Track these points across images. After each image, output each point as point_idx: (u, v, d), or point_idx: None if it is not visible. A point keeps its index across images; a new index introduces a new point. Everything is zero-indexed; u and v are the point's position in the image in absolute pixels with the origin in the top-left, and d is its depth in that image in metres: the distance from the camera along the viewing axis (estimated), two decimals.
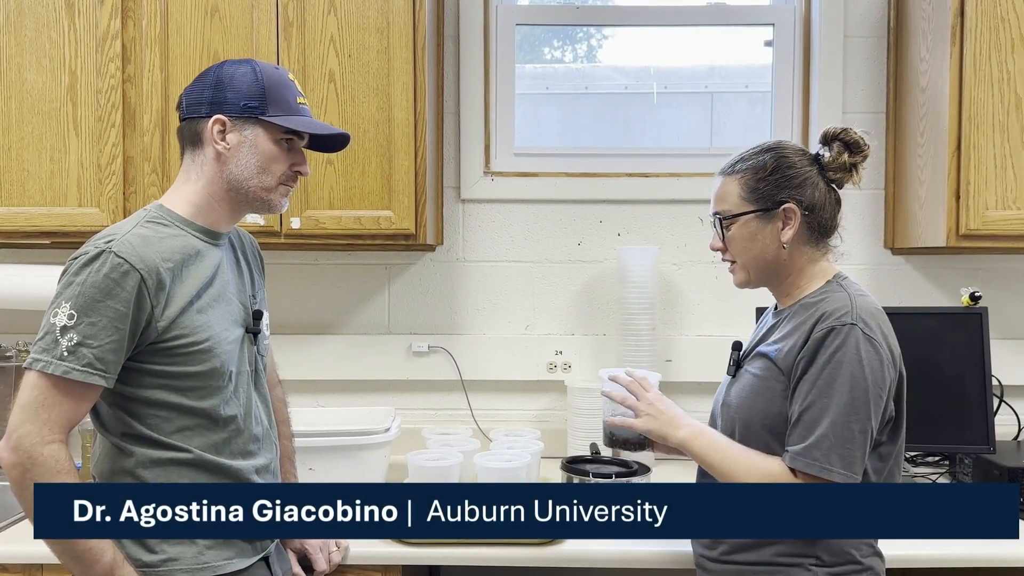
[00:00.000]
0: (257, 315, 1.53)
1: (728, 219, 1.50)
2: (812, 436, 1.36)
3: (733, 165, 1.52)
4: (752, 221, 1.48)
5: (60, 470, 1.28)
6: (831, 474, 1.35)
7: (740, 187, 1.49)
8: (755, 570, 1.43)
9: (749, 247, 1.49)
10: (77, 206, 2.12)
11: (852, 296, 1.43)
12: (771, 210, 1.47)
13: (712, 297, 2.51)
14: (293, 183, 1.51)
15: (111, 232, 1.37)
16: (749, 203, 1.48)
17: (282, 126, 1.45)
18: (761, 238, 1.48)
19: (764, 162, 1.48)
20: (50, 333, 1.29)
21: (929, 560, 1.73)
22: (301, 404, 2.39)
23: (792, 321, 1.47)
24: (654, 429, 1.55)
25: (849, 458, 1.35)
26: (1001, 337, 2.42)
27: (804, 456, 1.36)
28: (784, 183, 1.47)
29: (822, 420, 1.36)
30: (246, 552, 1.46)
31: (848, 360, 1.36)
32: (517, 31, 2.58)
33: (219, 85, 1.44)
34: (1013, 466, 1.97)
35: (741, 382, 1.52)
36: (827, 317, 1.40)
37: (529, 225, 2.53)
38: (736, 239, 1.50)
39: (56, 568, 1.66)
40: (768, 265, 1.50)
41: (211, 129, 1.43)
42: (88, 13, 2.11)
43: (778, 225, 1.47)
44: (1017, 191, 2.10)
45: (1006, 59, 2.09)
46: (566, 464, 2.10)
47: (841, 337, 1.37)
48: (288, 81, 1.48)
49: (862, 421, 1.36)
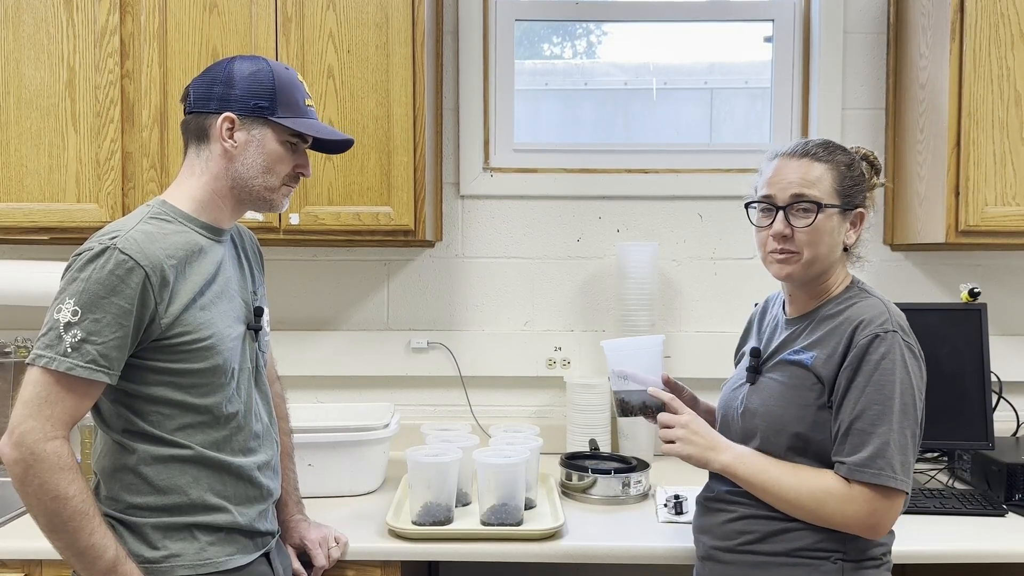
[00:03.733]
0: (258, 312, 1.53)
1: (822, 207, 1.41)
2: (870, 446, 1.34)
3: (821, 151, 1.44)
4: (836, 216, 1.44)
5: (62, 466, 1.28)
6: (896, 482, 1.34)
7: (833, 177, 1.44)
8: (779, 561, 1.42)
9: (824, 241, 1.43)
10: (76, 202, 2.12)
11: (885, 303, 1.42)
12: (849, 211, 1.45)
13: (711, 293, 2.51)
14: (295, 183, 1.51)
15: (115, 228, 1.36)
16: (839, 196, 1.44)
17: (290, 128, 1.45)
18: (835, 236, 1.44)
19: (852, 159, 1.46)
20: (54, 329, 1.29)
21: (927, 556, 1.74)
22: (300, 400, 2.40)
23: (821, 328, 1.44)
24: (694, 455, 1.49)
25: (908, 465, 1.35)
26: (1000, 333, 2.43)
27: (867, 467, 1.34)
28: (863, 186, 1.47)
29: (878, 429, 1.34)
30: (247, 548, 1.46)
31: (896, 367, 1.36)
32: (516, 27, 2.58)
33: (230, 82, 1.43)
34: (1012, 462, 1.97)
35: (766, 390, 1.49)
36: (868, 324, 1.38)
37: (528, 221, 2.52)
38: (817, 230, 1.42)
39: (56, 564, 1.66)
40: (827, 265, 1.46)
41: (220, 126, 1.42)
42: (86, 8, 2.10)
43: (846, 227, 1.46)
44: (1016, 187, 2.10)
45: (1006, 55, 2.09)
46: (565, 460, 2.11)
47: (886, 345, 1.36)
48: (298, 82, 1.48)
49: (913, 427, 1.36)
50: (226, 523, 1.42)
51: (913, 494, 1.96)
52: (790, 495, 1.40)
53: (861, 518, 1.36)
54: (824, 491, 1.38)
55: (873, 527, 1.37)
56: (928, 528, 1.82)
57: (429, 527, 1.74)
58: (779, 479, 1.41)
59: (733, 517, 1.48)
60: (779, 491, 1.41)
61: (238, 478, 1.44)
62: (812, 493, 1.39)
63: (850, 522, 1.37)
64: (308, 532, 1.68)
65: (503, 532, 1.73)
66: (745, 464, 1.45)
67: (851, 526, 1.38)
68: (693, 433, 1.50)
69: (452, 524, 1.77)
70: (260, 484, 1.48)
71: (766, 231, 1.46)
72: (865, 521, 1.36)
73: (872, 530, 1.37)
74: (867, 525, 1.37)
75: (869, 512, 1.35)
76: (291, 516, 1.69)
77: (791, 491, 1.40)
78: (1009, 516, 1.89)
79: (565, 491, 2.04)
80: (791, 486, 1.40)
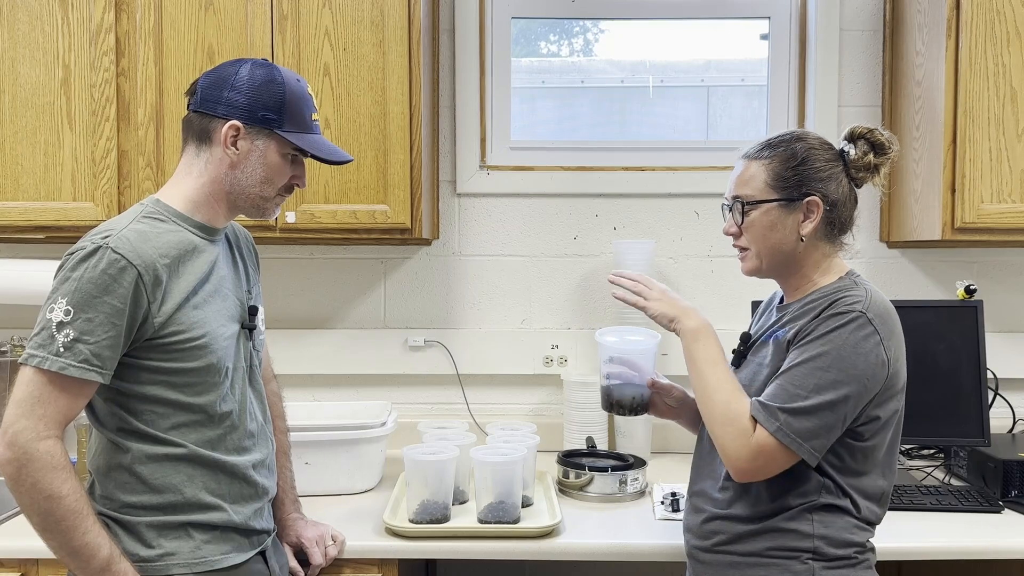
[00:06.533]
0: (253, 311, 1.53)
1: (750, 204, 1.46)
2: (784, 400, 1.35)
3: (760, 150, 1.48)
4: (774, 210, 1.45)
5: (56, 466, 1.28)
6: (786, 439, 1.34)
7: (766, 173, 1.46)
8: (749, 561, 1.43)
9: (767, 236, 1.46)
10: (71, 200, 2.12)
11: (869, 291, 1.42)
12: (795, 201, 1.45)
13: (708, 291, 2.51)
14: (289, 194, 1.51)
15: (108, 227, 1.36)
16: (774, 191, 1.45)
17: (294, 143, 1.44)
18: (781, 228, 1.46)
19: (794, 151, 1.46)
20: (46, 329, 1.29)
21: (923, 553, 1.74)
22: (297, 399, 2.40)
23: (804, 308, 1.45)
24: (667, 312, 1.52)
25: (812, 434, 1.34)
26: (996, 330, 2.43)
27: (768, 413, 1.35)
28: (812, 175, 1.45)
29: (799, 389, 1.35)
30: (242, 547, 1.46)
31: (842, 342, 1.35)
32: (513, 24, 2.58)
33: (240, 88, 1.41)
34: (1008, 459, 1.97)
35: (746, 371, 1.52)
36: (839, 303, 1.39)
37: (525, 219, 2.52)
38: (755, 226, 1.47)
39: (52, 563, 1.66)
40: (783, 256, 1.47)
41: (225, 133, 1.41)
42: (81, 6, 2.09)
43: (799, 217, 1.45)
44: (1012, 184, 2.10)
45: (1001, 52, 2.09)
46: (562, 458, 2.11)
47: (845, 320, 1.36)
48: (307, 96, 1.47)
49: (839, 405, 1.34)
50: (221, 521, 1.42)
51: (909, 490, 1.97)
52: (712, 397, 1.42)
53: (742, 457, 1.37)
54: (736, 415, 1.38)
55: (745, 471, 1.38)
56: (924, 525, 1.82)
57: (426, 525, 1.75)
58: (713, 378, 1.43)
59: (707, 517, 1.49)
60: (706, 387, 1.43)
61: (233, 476, 1.44)
62: (726, 409, 1.40)
63: (732, 454, 1.38)
64: (305, 530, 1.68)
65: (500, 530, 1.74)
66: (705, 343, 1.47)
67: (730, 458, 1.39)
68: (669, 298, 1.55)
69: (449, 522, 1.77)
70: (255, 482, 1.48)
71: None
72: (742, 463, 1.37)
73: (743, 473, 1.38)
74: (741, 468, 1.38)
75: (752, 456, 1.36)
76: (288, 514, 1.68)
77: (715, 394, 1.42)
78: (1005, 513, 1.89)
79: (562, 489, 2.05)
80: (718, 389, 1.42)
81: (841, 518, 1.41)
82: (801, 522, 1.40)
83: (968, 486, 2.03)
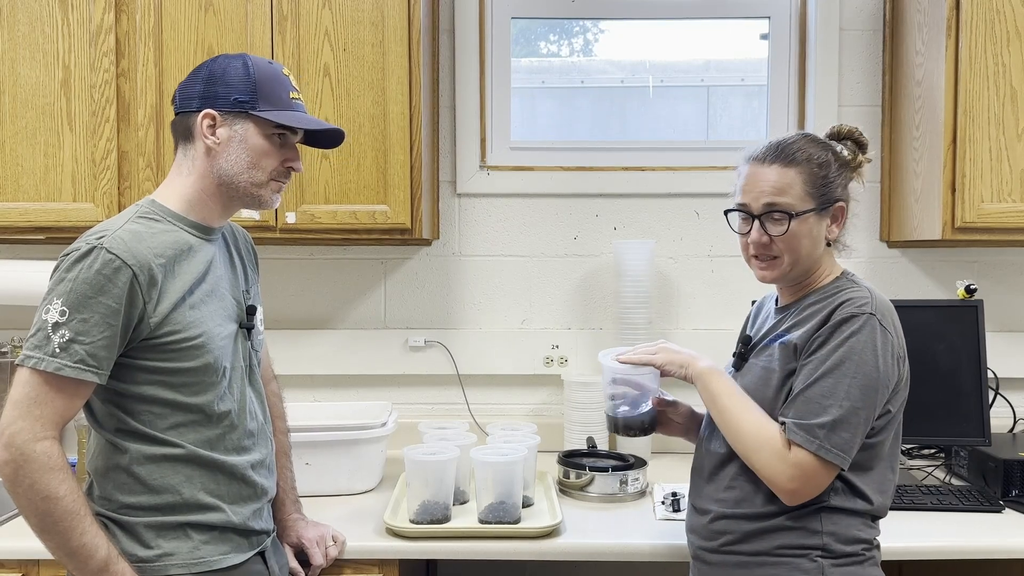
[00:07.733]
0: (251, 310, 1.53)
1: (797, 216, 1.41)
2: (815, 415, 1.35)
3: (789, 155, 1.43)
4: (812, 218, 1.43)
5: (53, 467, 1.28)
6: (829, 454, 1.34)
7: (803, 181, 1.42)
8: (758, 560, 1.42)
9: (803, 244, 1.43)
10: (72, 201, 2.12)
11: (872, 291, 1.43)
12: (827, 208, 1.44)
13: (708, 290, 2.51)
14: (285, 179, 1.50)
15: (103, 228, 1.36)
16: (812, 199, 1.42)
17: (272, 121, 1.44)
18: (816, 236, 1.44)
19: (824, 158, 1.44)
20: (42, 330, 1.29)
21: (924, 552, 1.74)
22: (297, 399, 2.40)
23: (806, 310, 1.45)
24: (675, 359, 1.54)
25: (849, 444, 1.35)
26: (996, 330, 2.43)
27: (807, 432, 1.35)
28: (837, 181, 1.45)
29: (827, 401, 1.35)
30: (241, 547, 1.46)
31: (862, 347, 1.36)
32: (513, 24, 2.58)
33: (211, 79, 1.43)
34: (1008, 458, 1.97)
35: (749, 375, 1.51)
36: (848, 304, 1.39)
37: (525, 219, 2.52)
38: (796, 236, 1.42)
39: (53, 564, 1.66)
40: (811, 263, 1.46)
41: (200, 123, 1.42)
42: (81, 7, 2.09)
43: (826, 223, 1.45)
44: (1012, 184, 2.10)
45: (1001, 52, 2.09)
46: (563, 458, 2.11)
47: (859, 324, 1.37)
48: (282, 76, 1.47)
49: (865, 411, 1.36)
50: (220, 522, 1.42)
51: (910, 490, 1.97)
52: (740, 427, 1.42)
53: (785, 479, 1.37)
54: (767, 439, 1.39)
55: (793, 492, 1.37)
56: (925, 524, 1.82)
57: (427, 525, 1.74)
58: (736, 408, 1.44)
59: (713, 517, 1.48)
60: (731, 420, 1.43)
61: (231, 477, 1.44)
62: (756, 435, 1.40)
63: (775, 478, 1.38)
64: (306, 531, 1.67)
65: (501, 530, 1.73)
66: (718, 378, 1.48)
67: (774, 482, 1.38)
68: (671, 349, 1.57)
69: (450, 522, 1.77)
70: (254, 483, 1.48)
71: (746, 237, 1.48)
72: (788, 483, 1.37)
73: (791, 494, 1.38)
74: (788, 489, 1.37)
75: (794, 476, 1.36)
76: (288, 515, 1.68)
77: (742, 424, 1.42)
78: (1006, 512, 1.89)
79: (563, 489, 2.05)
80: (743, 419, 1.42)
81: (849, 515, 1.41)
82: (810, 519, 1.40)
83: (969, 486, 2.03)
